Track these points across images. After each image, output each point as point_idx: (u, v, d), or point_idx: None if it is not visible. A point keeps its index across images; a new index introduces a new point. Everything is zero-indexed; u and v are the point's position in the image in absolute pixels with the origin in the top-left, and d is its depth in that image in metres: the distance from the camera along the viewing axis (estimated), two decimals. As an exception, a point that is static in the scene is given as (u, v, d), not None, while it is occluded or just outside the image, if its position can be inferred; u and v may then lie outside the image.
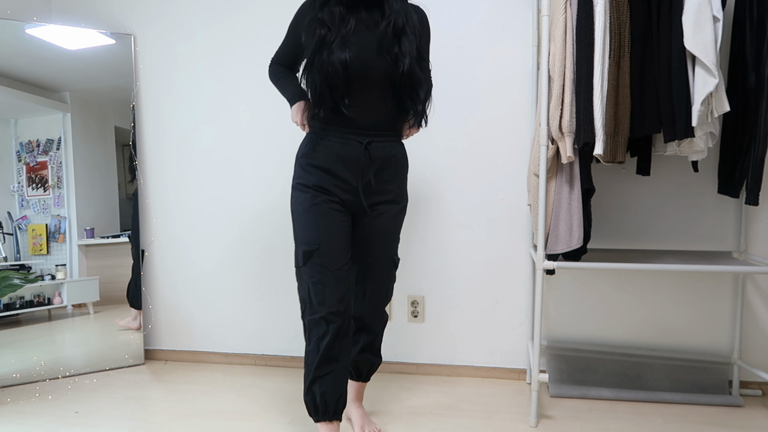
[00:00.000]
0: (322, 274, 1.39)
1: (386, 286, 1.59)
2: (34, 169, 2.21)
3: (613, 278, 2.04)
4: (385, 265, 1.55)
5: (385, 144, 1.44)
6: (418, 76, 1.39)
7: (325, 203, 1.41)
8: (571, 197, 1.65)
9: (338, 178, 1.41)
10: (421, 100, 1.42)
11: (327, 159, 1.40)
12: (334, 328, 1.39)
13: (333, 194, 1.42)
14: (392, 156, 1.46)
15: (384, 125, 1.43)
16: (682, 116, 1.53)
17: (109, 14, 2.35)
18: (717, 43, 1.49)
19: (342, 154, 1.40)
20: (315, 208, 1.41)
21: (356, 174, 1.41)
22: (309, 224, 1.41)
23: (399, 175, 1.50)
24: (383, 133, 1.43)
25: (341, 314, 1.40)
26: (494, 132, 2.08)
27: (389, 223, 1.52)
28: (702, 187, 1.95)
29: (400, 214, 1.54)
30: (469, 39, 2.07)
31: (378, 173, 1.44)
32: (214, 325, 2.39)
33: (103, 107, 2.30)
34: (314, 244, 1.40)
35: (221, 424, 1.74)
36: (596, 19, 1.54)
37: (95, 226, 2.30)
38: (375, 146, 1.41)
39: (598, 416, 1.77)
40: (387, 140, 1.44)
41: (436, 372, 2.20)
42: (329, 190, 1.42)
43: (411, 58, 1.37)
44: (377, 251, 1.53)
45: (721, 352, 1.99)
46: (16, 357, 2.15)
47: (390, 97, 1.41)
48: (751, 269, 1.58)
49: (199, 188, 2.35)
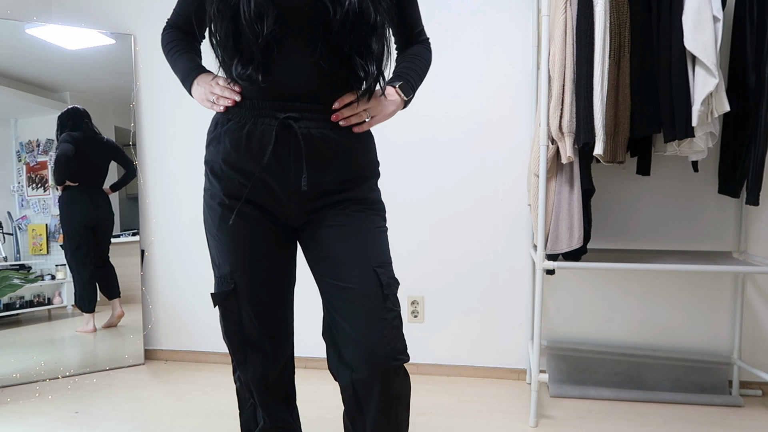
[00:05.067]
0: (242, 332, 1.08)
1: (380, 334, 0.97)
2: (34, 169, 2.21)
3: (613, 278, 2.04)
4: (369, 296, 0.98)
5: (319, 123, 0.97)
6: (369, 16, 0.91)
7: (243, 219, 1.01)
8: (571, 197, 1.65)
9: (250, 175, 0.98)
10: (374, 56, 0.95)
11: (235, 150, 0.97)
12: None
13: (252, 203, 1.01)
14: (333, 141, 0.98)
15: (315, 95, 0.96)
16: (682, 116, 1.53)
17: (109, 14, 2.35)
18: (717, 43, 1.49)
19: (253, 139, 0.96)
20: (225, 229, 1.02)
21: (277, 167, 0.98)
22: (221, 251, 1.04)
23: (353, 172, 1.02)
24: (316, 107, 0.97)
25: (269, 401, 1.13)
26: (494, 132, 2.08)
27: (353, 225, 1.02)
28: (702, 187, 1.95)
29: (366, 214, 1.04)
30: (469, 39, 2.07)
31: (314, 167, 0.98)
32: (214, 325, 2.39)
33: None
34: (228, 281, 1.04)
35: (221, 424, 1.74)
36: (596, 19, 1.54)
37: (95, 226, 2.30)
38: (303, 125, 0.96)
39: (598, 416, 1.77)
40: (322, 118, 0.97)
41: (436, 372, 2.20)
42: (247, 198, 1.00)
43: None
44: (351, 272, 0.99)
45: (721, 352, 1.99)
46: (16, 357, 2.15)
47: (326, 52, 0.94)
48: (751, 269, 1.58)
49: (199, 188, 2.35)
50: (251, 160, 0.97)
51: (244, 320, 1.07)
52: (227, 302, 1.06)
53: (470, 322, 2.16)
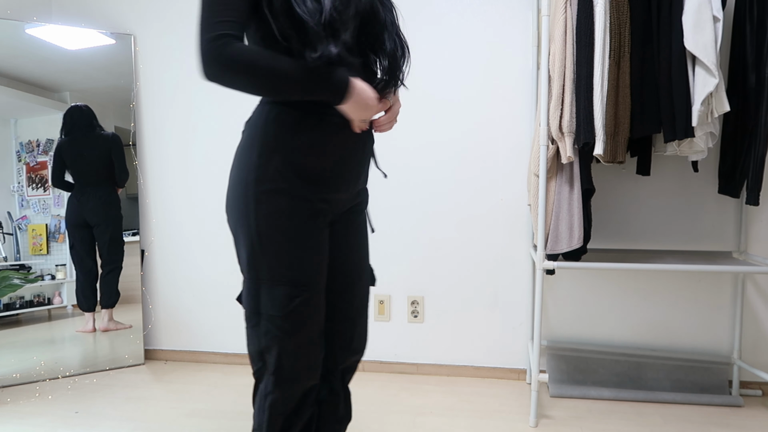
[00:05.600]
0: (310, 328, 0.98)
1: (366, 315, 1.15)
2: (34, 169, 2.21)
3: (613, 278, 2.04)
4: (366, 287, 1.15)
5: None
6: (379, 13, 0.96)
7: (319, 219, 0.98)
8: (571, 197, 1.65)
9: (341, 176, 1.00)
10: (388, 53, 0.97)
11: (331, 152, 0.96)
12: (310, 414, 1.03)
13: (329, 202, 1.00)
14: (372, 141, 1.09)
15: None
16: (682, 116, 1.53)
17: (109, 14, 2.35)
18: (717, 43, 1.49)
19: (345, 139, 0.98)
20: (308, 229, 0.96)
21: (353, 166, 1.01)
22: (296, 253, 0.95)
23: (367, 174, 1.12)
24: None
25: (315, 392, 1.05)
26: (494, 132, 2.08)
27: (363, 228, 1.13)
28: (702, 187, 1.95)
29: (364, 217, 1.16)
30: (469, 39, 2.07)
31: (366, 166, 1.07)
32: (214, 325, 2.39)
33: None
34: (303, 287, 0.96)
35: (221, 424, 1.74)
36: (596, 19, 1.54)
37: (95, 226, 2.30)
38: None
39: (598, 416, 1.77)
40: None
41: (436, 372, 2.20)
42: (326, 199, 0.99)
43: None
44: (359, 266, 1.12)
45: (721, 352, 1.98)
46: (16, 357, 2.15)
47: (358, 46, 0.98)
48: (751, 269, 1.58)
49: (199, 188, 2.35)
50: (342, 162, 0.98)
51: (320, 317, 1.01)
52: (312, 301, 0.98)
53: (470, 322, 2.16)
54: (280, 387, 0.98)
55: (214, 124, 2.31)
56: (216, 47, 0.81)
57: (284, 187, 0.93)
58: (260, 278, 0.95)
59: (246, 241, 0.95)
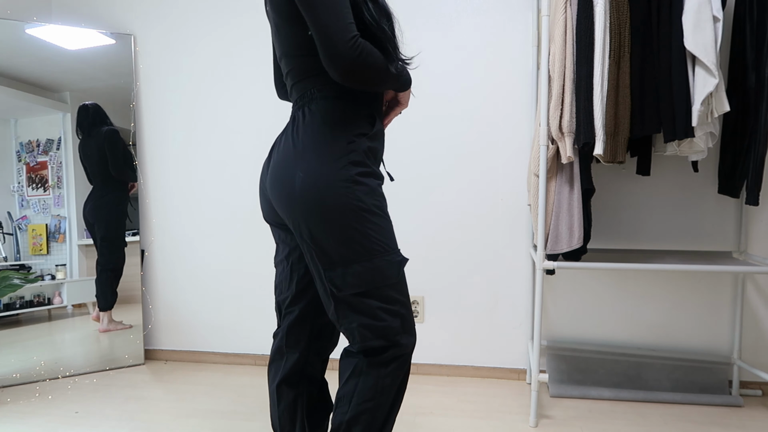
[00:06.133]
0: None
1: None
2: (34, 169, 2.21)
3: (613, 278, 2.04)
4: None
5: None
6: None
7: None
8: (571, 197, 1.65)
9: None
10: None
11: (382, 132, 1.11)
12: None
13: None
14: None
15: None
16: (682, 116, 1.53)
17: (109, 14, 2.35)
18: (717, 43, 1.49)
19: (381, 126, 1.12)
20: (386, 204, 1.08)
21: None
22: (389, 228, 1.06)
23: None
24: None
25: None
26: (494, 132, 2.08)
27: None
28: (702, 187, 1.95)
29: None
30: (469, 39, 2.07)
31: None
32: (214, 325, 2.39)
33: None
34: (399, 252, 1.07)
35: (221, 424, 1.74)
36: (596, 19, 1.54)
37: (95, 226, 2.30)
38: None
39: (598, 416, 1.77)
40: None
41: (436, 372, 2.20)
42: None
43: None
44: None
45: (721, 352, 1.99)
46: (16, 357, 2.15)
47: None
48: (751, 269, 1.58)
49: (199, 188, 2.35)
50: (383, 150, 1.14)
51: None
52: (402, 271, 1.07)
53: (470, 322, 2.16)
54: (412, 341, 1.07)
55: (214, 124, 2.31)
56: (356, 47, 0.91)
57: (371, 169, 1.04)
58: (373, 252, 1.01)
59: (354, 221, 0.99)
